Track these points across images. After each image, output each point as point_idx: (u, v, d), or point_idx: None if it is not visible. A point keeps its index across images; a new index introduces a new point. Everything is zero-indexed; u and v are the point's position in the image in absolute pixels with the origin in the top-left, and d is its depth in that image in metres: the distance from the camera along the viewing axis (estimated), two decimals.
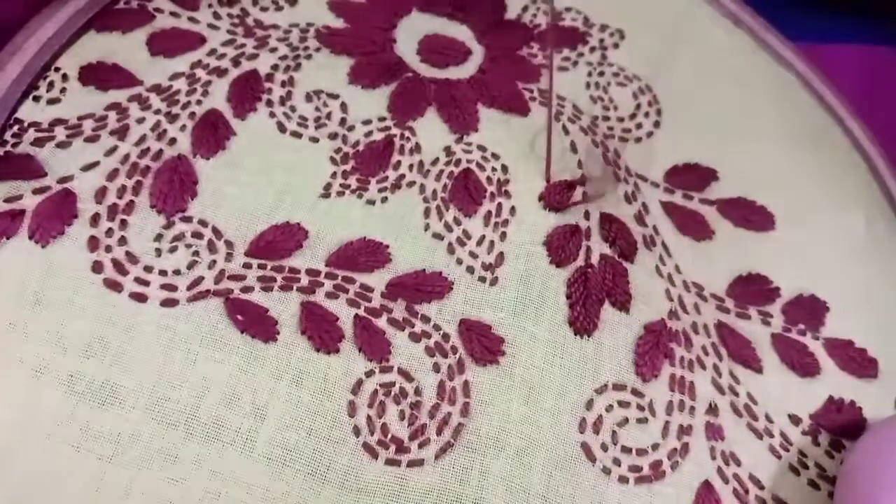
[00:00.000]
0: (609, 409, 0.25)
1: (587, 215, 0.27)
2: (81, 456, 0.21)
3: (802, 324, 0.28)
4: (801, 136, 0.32)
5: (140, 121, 0.26)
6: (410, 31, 0.31)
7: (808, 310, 0.28)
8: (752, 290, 0.28)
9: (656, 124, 0.31)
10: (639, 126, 0.31)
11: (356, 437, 0.23)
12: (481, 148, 0.28)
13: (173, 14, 0.28)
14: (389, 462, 0.23)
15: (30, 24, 0.27)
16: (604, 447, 0.24)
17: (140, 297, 0.23)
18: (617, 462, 0.24)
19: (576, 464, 0.24)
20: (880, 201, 0.31)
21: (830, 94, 0.33)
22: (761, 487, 0.25)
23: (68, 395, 0.22)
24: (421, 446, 0.23)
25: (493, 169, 0.28)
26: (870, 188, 0.32)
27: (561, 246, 0.27)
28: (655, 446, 0.24)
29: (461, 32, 0.31)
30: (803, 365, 0.27)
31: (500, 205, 0.27)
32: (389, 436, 0.23)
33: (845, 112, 0.33)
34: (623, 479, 0.24)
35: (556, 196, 0.27)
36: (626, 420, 0.25)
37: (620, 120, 0.31)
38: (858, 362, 0.27)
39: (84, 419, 0.22)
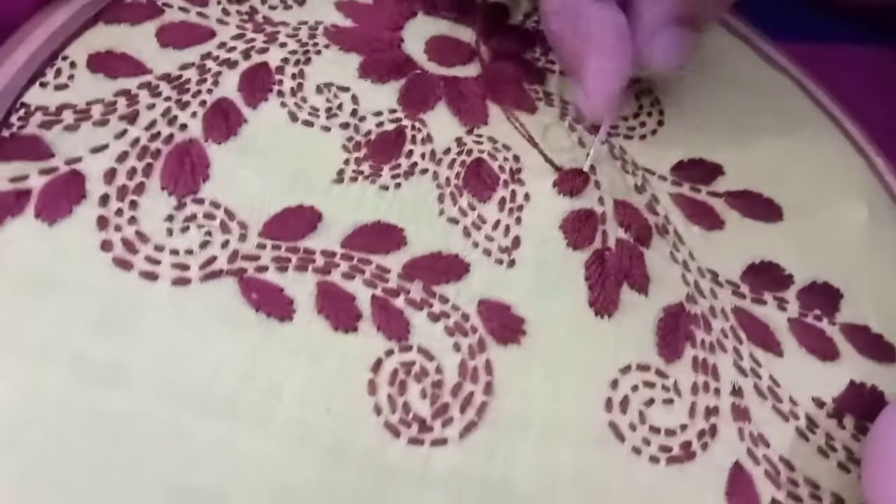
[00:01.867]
0: (635, 389, 0.24)
1: (601, 201, 0.27)
2: (90, 436, 0.20)
3: (818, 309, 0.28)
4: (799, 135, 0.33)
5: (150, 107, 0.26)
6: (417, 33, 0.31)
7: (823, 296, 0.28)
8: (765, 277, 0.28)
9: (660, 123, 0.31)
10: (643, 125, 0.31)
11: (377, 416, 0.22)
12: (492, 139, 0.28)
13: (182, 9, 0.28)
14: (412, 441, 0.22)
15: (37, 15, 0.27)
16: (632, 427, 0.23)
17: (151, 276, 0.22)
18: (647, 442, 0.23)
19: (605, 443, 0.23)
20: (881, 195, 0.32)
21: (826, 97, 0.34)
22: (792, 469, 0.24)
23: (75, 374, 0.21)
24: (444, 425, 0.22)
25: (505, 158, 0.28)
26: (870, 183, 0.32)
27: (577, 229, 0.26)
28: (684, 427, 0.24)
29: (466, 35, 0.31)
30: (823, 349, 0.27)
31: (513, 191, 0.27)
32: (412, 414, 0.22)
33: (841, 114, 0.33)
34: (654, 460, 0.23)
35: (570, 182, 0.27)
36: (653, 400, 0.24)
37: (624, 119, 0.31)
38: (877, 347, 0.27)
39: (92, 399, 0.21)
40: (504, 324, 0.24)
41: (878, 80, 0.28)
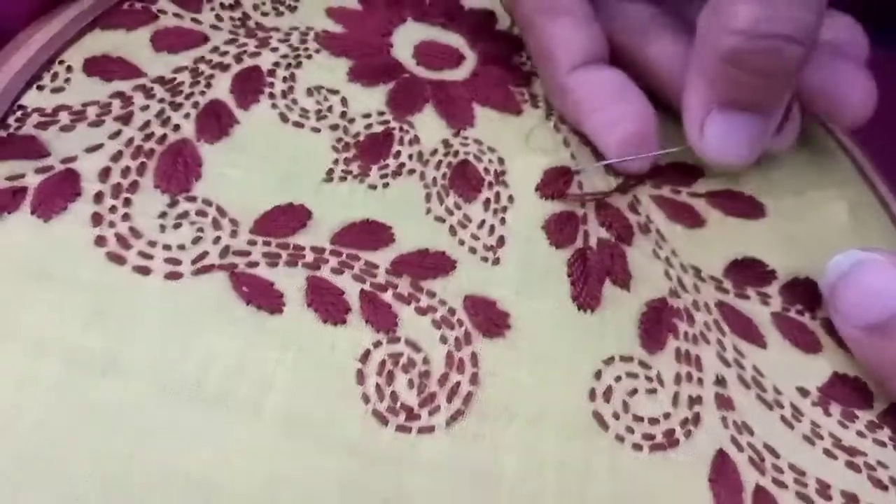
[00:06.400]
0: (618, 379, 0.24)
1: (582, 203, 0.28)
2: (82, 427, 0.20)
3: (800, 304, 0.28)
4: None
5: (144, 108, 0.26)
6: (406, 38, 0.32)
7: (804, 292, 0.28)
8: (748, 273, 0.28)
9: None
10: None
11: (365, 405, 0.22)
12: (478, 142, 0.29)
13: (176, 15, 0.29)
14: (400, 429, 0.22)
15: (35, 23, 0.28)
16: (616, 416, 0.24)
17: (143, 271, 0.23)
18: (630, 430, 0.24)
19: (589, 432, 0.23)
20: (866, 194, 0.32)
21: None
22: (777, 456, 0.24)
23: (69, 365, 0.21)
24: (431, 413, 0.23)
25: (490, 161, 0.29)
26: (855, 182, 0.32)
27: (559, 229, 0.27)
28: (667, 415, 0.24)
29: (454, 40, 0.32)
30: (806, 342, 0.27)
31: (498, 193, 0.28)
32: (399, 403, 0.22)
33: None
34: (637, 447, 0.23)
35: (552, 185, 0.28)
36: (636, 390, 0.24)
37: None
38: None
39: (85, 389, 0.21)
40: (489, 318, 0.24)
41: (877, 79, 0.28)
